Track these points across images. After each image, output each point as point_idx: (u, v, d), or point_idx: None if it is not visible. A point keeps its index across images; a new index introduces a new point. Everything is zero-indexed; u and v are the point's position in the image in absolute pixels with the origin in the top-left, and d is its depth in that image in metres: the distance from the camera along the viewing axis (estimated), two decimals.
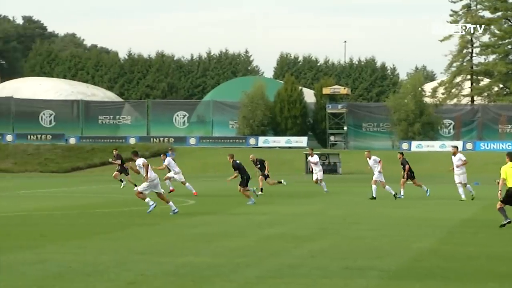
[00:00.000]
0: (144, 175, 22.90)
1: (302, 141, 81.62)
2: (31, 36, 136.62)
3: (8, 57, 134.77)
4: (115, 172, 39.77)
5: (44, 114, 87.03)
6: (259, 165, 35.09)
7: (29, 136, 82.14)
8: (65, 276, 12.03)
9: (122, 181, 39.55)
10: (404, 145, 79.34)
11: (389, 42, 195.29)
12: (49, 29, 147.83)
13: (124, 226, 20.20)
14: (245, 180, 28.36)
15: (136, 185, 37.58)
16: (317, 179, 36.16)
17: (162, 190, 23.54)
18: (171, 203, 23.33)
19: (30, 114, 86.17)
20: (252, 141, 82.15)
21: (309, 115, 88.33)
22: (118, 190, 37.45)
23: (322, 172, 36.46)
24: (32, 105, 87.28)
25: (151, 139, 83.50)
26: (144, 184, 23.05)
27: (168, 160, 34.87)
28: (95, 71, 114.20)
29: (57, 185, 42.64)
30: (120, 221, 21.62)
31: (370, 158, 32.05)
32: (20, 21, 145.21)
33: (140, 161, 23.25)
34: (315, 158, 36.53)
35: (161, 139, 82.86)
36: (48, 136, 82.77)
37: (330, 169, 64.01)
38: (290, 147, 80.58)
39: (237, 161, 28.87)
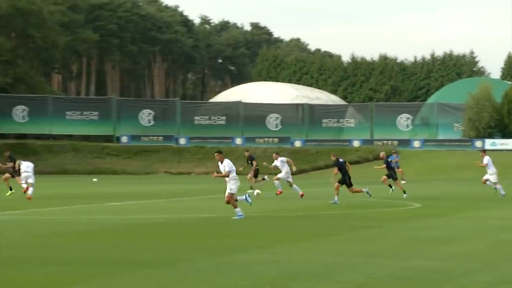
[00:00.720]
0: (224, 173, 22.78)
1: None
2: (258, 42, 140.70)
3: (237, 63, 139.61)
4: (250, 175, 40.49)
5: (270, 117, 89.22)
6: (385, 165, 35.08)
7: (256, 139, 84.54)
8: (296, 276, 12.29)
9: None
10: None
11: None
12: (275, 35, 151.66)
13: (349, 228, 20.35)
14: (344, 180, 29.12)
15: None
16: (485, 179, 35.05)
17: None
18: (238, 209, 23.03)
19: (257, 118, 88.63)
20: (478, 143, 79.94)
21: None
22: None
23: (495, 176, 34.99)
24: (259, 109, 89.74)
25: (375, 142, 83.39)
26: (233, 186, 23.08)
27: (281, 159, 34.93)
28: (319, 75, 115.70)
29: (286, 187, 43.51)
30: (345, 223, 21.81)
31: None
32: (248, 27, 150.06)
33: (227, 162, 23.42)
34: (485, 160, 35.47)
35: (385, 142, 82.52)
36: (274, 139, 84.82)
37: None
38: None
39: (341, 160, 29.66)
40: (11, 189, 34.72)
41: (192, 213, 25.01)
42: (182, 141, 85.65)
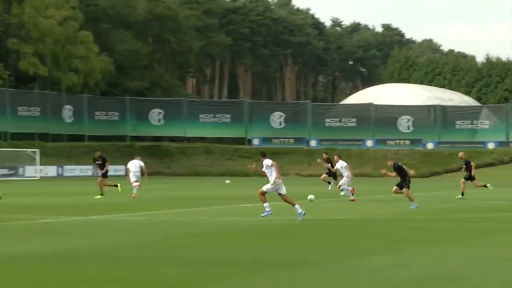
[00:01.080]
0: (275, 175, 22.54)
1: None
2: (390, 43, 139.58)
3: (368, 65, 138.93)
4: (323, 175, 39.80)
5: (402, 119, 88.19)
6: (465, 166, 34.71)
7: (387, 142, 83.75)
8: (428, 280, 12.06)
9: (329, 183, 39.41)
10: None
11: None
12: (407, 36, 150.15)
13: (484, 232, 19.85)
14: (403, 183, 28.99)
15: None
16: None
17: (285, 192, 23.03)
18: (297, 206, 22.72)
19: (388, 120, 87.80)
20: None
21: None
22: (485, 194, 36.78)
23: None
24: (390, 111, 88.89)
25: (511, 144, 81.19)
26: (269, 185, 22.72)
27: (340, 163, 34.50)
28: (452, 76, 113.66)
29: (416, 190, 42.93)
30: (480, 226, 21.28)
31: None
32: (379, 29, 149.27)
33: (268, 162, 22.86)
34: None
35: None
36: (406, 141, 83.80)
37: None
38: None
39: (399, 164, 29.88)
40: (102, 194, 34.61)
41: (323, 215, 24.98)
42: (313, 143, 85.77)
